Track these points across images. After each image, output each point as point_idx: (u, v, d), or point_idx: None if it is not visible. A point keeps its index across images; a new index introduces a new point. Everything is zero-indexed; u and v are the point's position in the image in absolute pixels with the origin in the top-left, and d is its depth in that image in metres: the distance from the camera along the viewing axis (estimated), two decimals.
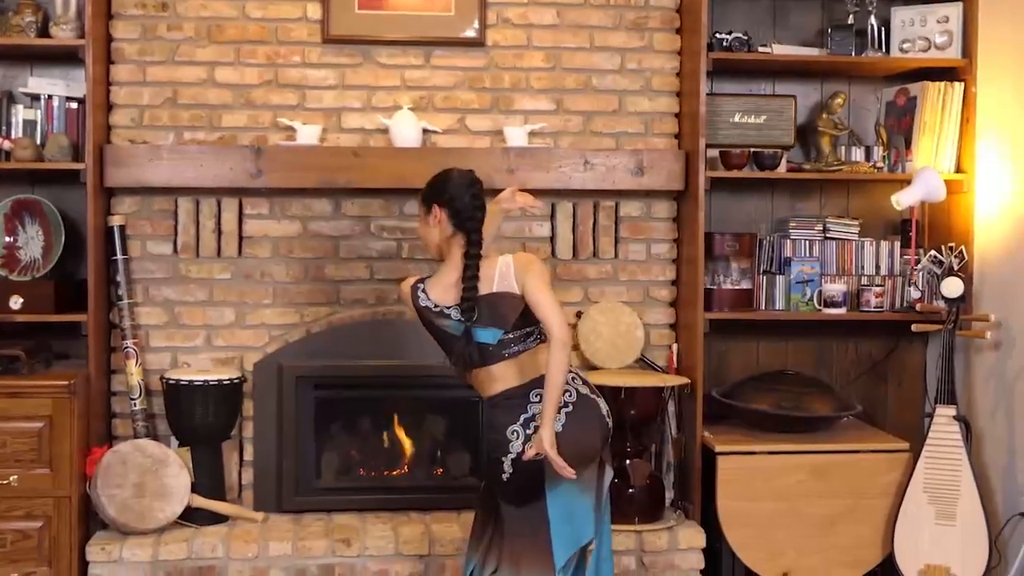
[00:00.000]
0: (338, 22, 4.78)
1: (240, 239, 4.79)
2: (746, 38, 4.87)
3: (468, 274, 3.53)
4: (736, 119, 4.97)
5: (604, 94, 4.93)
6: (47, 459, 4.29)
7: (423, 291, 3.62)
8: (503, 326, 3.54)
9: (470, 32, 4.85)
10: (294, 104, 4.81)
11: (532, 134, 4.79)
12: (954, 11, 4.91)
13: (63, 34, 4.50)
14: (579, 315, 4.90)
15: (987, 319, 4.67)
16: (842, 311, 4.90)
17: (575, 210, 4.92)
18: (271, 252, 4.81)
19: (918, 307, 4.84)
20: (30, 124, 4.64)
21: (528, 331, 3.59)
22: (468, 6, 4.82)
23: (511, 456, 3.52)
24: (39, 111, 4.65)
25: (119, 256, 4.64)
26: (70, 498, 4.32)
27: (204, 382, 4.50)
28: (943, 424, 4.54)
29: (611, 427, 3.68)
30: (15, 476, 4.27)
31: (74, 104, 4.65)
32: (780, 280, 4.97)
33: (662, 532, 4.54)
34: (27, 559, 4.28)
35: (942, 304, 4.69)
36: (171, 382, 4.52)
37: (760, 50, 4.93)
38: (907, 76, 5.10)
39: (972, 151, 4.87)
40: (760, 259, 5.01)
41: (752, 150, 4.91)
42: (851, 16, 4.97)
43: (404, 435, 5.01)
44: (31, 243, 4.60)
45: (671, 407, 4.81)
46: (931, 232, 5.14)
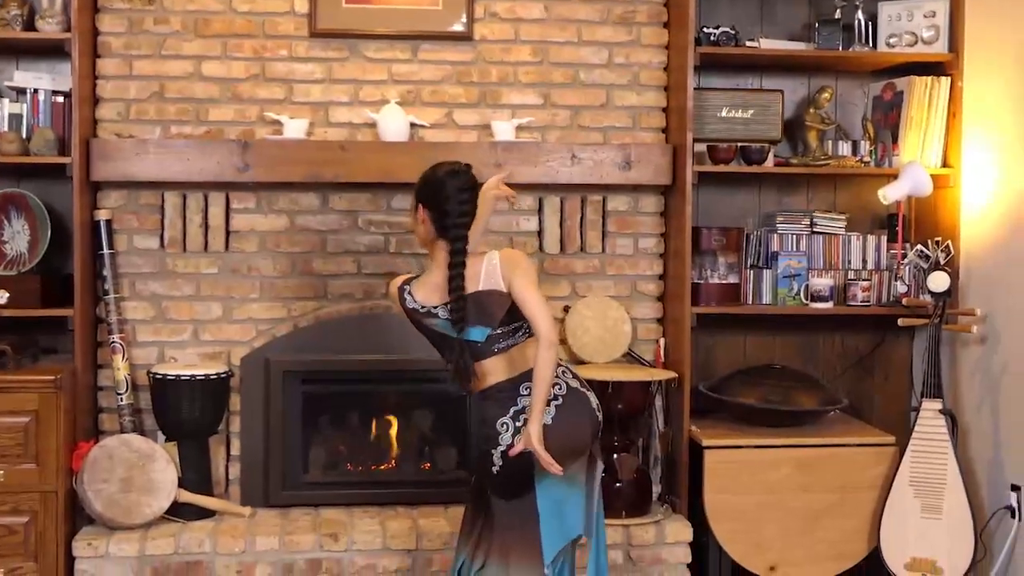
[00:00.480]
0: (325, 16, 4.77)
1: (227, 233, 4.78)
2: (733, 32, 4.87)
3: (453, 285, 3.50)
4: (723, 114, 4.97)
5: (592, 88, 4.93)
6: (33, 454, 4.28)
7: (409, 293, 3.61)
8: (490, 324, 3.54)
9: (458, 26, 4.84)
10: (281, 98, 4.80)
11: (520, 128, 4.79)
12: (941, 6, 4.92)
13: (49, 28, 4.48)
14: (566, 310, 4.90)
15: (973, 313, 4.68)
16: (829, 305, 4.91)
17: (562, 204, 4.92)
18: (258, 246, 4.80)
19: (904, 301, 4.86)
20: (16, 118, 4.62)
21: (516, 326, 3.58)
22: (456, 0, 4.82)
23: (500, 448, 3.52)
24: (25, 105, 4.63)
25: (105, 250, 4.63)
26: (56, 493, 4.31)
27: (191, 377, 4.49)
28: (929, 418, 4.56)
29: (601, 421, 3.68)
30: (1, 471, 4.25)
31: (60, 98, 4.63)
32: (767, 274, 4.97)
33: (649, 526, 4.55)
34: (13, 555, 4.27)
35: (928, 298, 4.71)
36: (158, 377, 4.51)
37: (747, 44, 4.93)
38: (894, 71, 5.11)
39: (958, 146, 4.88)
40: (747, 253, 5.02)
41: (739, 144, 4.91)
42: (838, 11, 4.98)
43: (391, 429, 5.01)
44: (17, 237, 4.59)
45: (658, 401, 4.81)
46: (918, 226, 5.15)
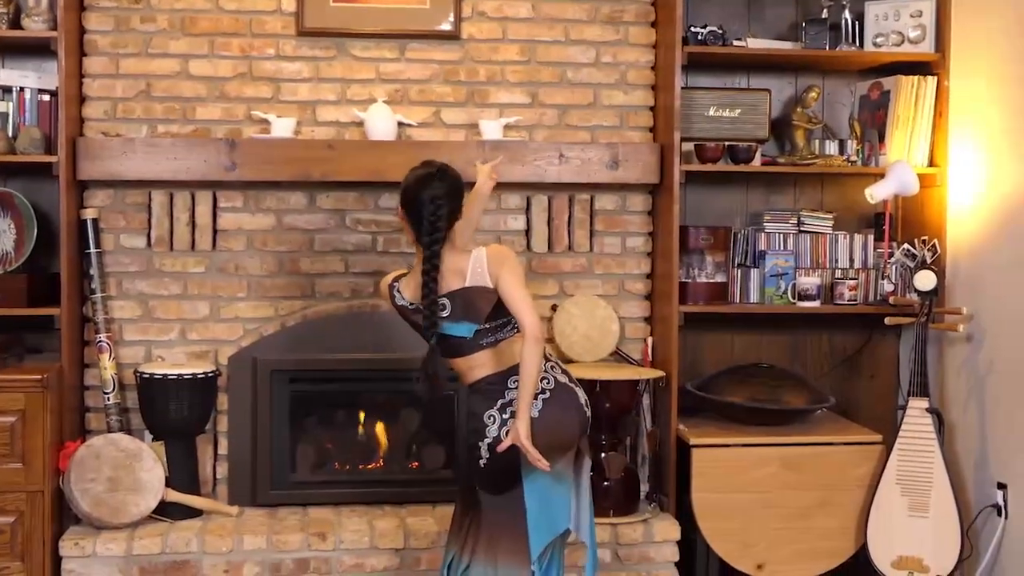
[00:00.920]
0: (312, 15, 4.76)
1: (214, 232, 4.77)
2: (721, 32, 4.88)
3: (424, 291, 3.53)
4: (711, 113, 4.97)
5: (579, 87, 4.94)
6: (20, 453, 4.27)
7: (398, 290, 3.67)
8: (477, 320, 3.55)
9: (445, 25, 4.84)
10: (268, 97, 4.79)
11: (507, 127, 4.79)
12: (927, 5, 4.93)
13: (35, 26, 4.47)
14: (554, 308, 4.91)
15: (959, 312, 4.69)
16: (816, 304, 4.92)
17: (550, 203, 4.92)
18: (245, 245, 4.79)
19: (891, 300, 4.87)
20: (1, 116, 4.59)
21: (504, 321, 3.60)
22: None
23: (487, 441, 3.54)
24: (11, 103, 4.61)
25: (92, 249, 4.62)
26: (43, 493, 4.29)
27: (178, 376, 4.48)
28: (916, 416, 4.57)
29: (589, 416, 3.70)
30: None
31: (46, 96, 4.62)
32: (754, 273, 4.98)
33: (637, 525, 4.55)
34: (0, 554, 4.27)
35: (915, 297, 4.72)
36: (145, 376, 4.50)
37: (735, 44, 4.94)
38: (881, 70, 5.12)
39: (945, 145, 4.89)
40: (735, 252, 5.03)
41: (727, 144, 4.92)
42: (825, 10, 4.99)
43: (379, 428, 5.01)
44: (3, 236, 4.57)
45: (646, 400, 4.82)
46: (904, 225, 5.16)
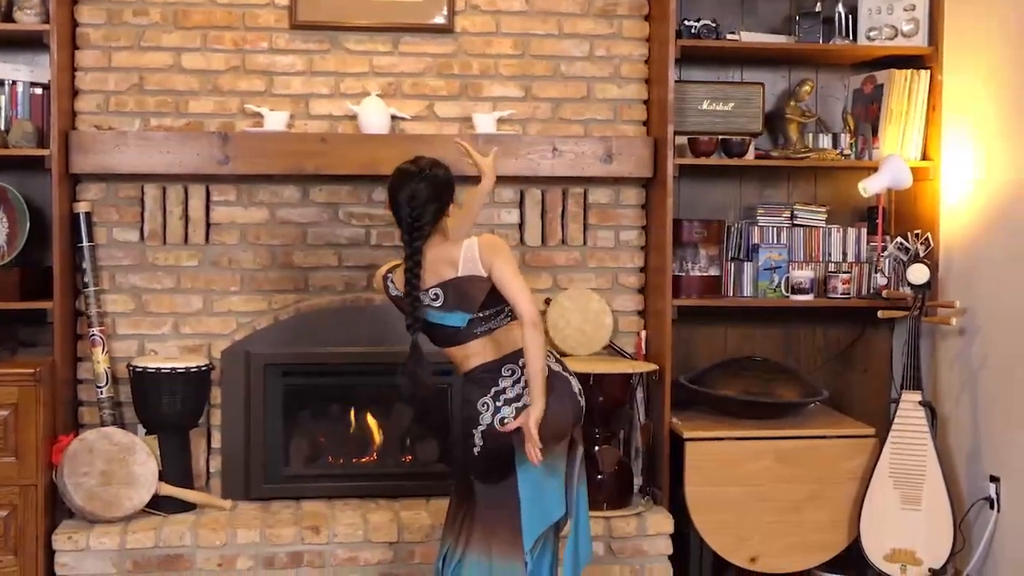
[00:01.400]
0: (306, 8, 4.76)
1: (207, 226, 4.77)
2: (714, 25, 4.88)
3: (407, 288, 3.56)
4: (704, 106, 4.98)
5: (573, 81, 4.93)
6: (13, 447, 4.26)
7: (391, 281, 3.68)
8: (471, 309, 3.56)
9: (439, 18, 4.83)
10: (261, 90, 4.78)
11: (501, 121, 4.79)
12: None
13: (27, 19, 4.45)
14: (548, 302, 4.90)
15: (952, 305, 4.70)
16: (809, 297, 4.92)
17: (544, 197, 4.92)
18: (238, 239, 4.79)
19: (884, 294, 4.87)
20: None
21: (498, 310, 3.60)
22: None
23: (481, 428, 3.55)
24: (3, 97, 4.60)
25: (85, 243, 4.61)
26: (36, 486, 4.28)
27: (171, 370, 4.48)
28: (909, 409, 4.58)
29: (583, 406, 3.71)
30: None
31: (39, 90, 4.60)
32: (748, 267, 4.99)
33: (630, 518, 4.56)
34: None
35: (908, 291, 4.73)
36: (138, 370, 4.50)
37: (728, 38, 4.94)
38: (874, 64, 5.12)
39: (938, 139, 4.90)
40: (728, 246, 5.03)
41: (720, 137, 4.92)
42: (818, 4, 4.99)
43: (373, 422, 5.01)
44: None
45: (639, 393, 4.82)
46: (897, 219, 5.17)
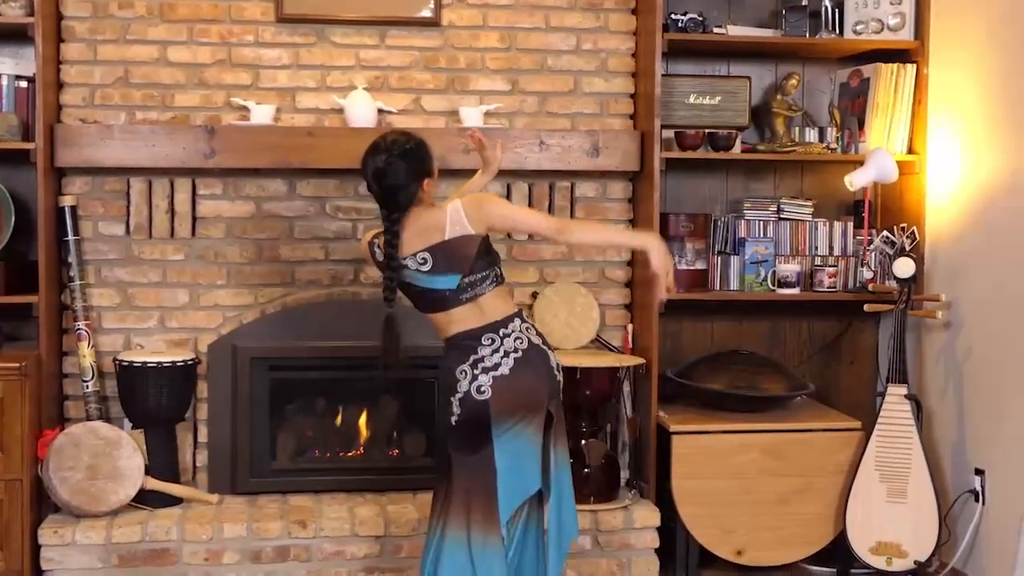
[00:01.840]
0: (292, 1, 4.74)
1: (193, 220, 4.76)
2: (701, 19, 4.88)
3: (386, 261, 3.62)
4: (691, 100, 4.98)
5: (560, 75, 4.93)
6: None
7: (378, 247, 3.69)
8: (461, 270, 3.57)
9: (425, 12, 4.82)
10: (248, 84, 4.77)
11: (488, 115, 4.78)
12: None
13: (12, 12, 4.43)
14: (535, 296, 4.91)
15: (938, 299, 4.72)
16: (796, 291, 4.93)
17: (531, 190, 4.92)
18: (225, 233, 4.78)
19: (870, 287, 4.89)
20: None
21: (485, 274, 3.62)
22: None
23: (459, 396, 3.57)
24: None
25: (71, 237, 4.59)
26: (21, 481, 4.27)
27: (158, 364, 4.47)
28: (894, 403, 4.59)
29: (560, 380, 3.72)
30: None
31: (24, 83, 4.58)
32: (734, 260, 5.00)
33: (617, 511, 4.56)
34: None
35: (894, 284, 4.74)
36: (124, 364, 4.49)
37: (715, 31, 4.94)
38: (860, 58, 5.13)
39: (924, 132, 4.91)
40: (715, 240, 5.04)
41: (707, 131, 4.92)
42: None
43: (359, 416, 5.00)
44: None
45: (626, 387, 4.82)
46: (883, 213, 5.18)
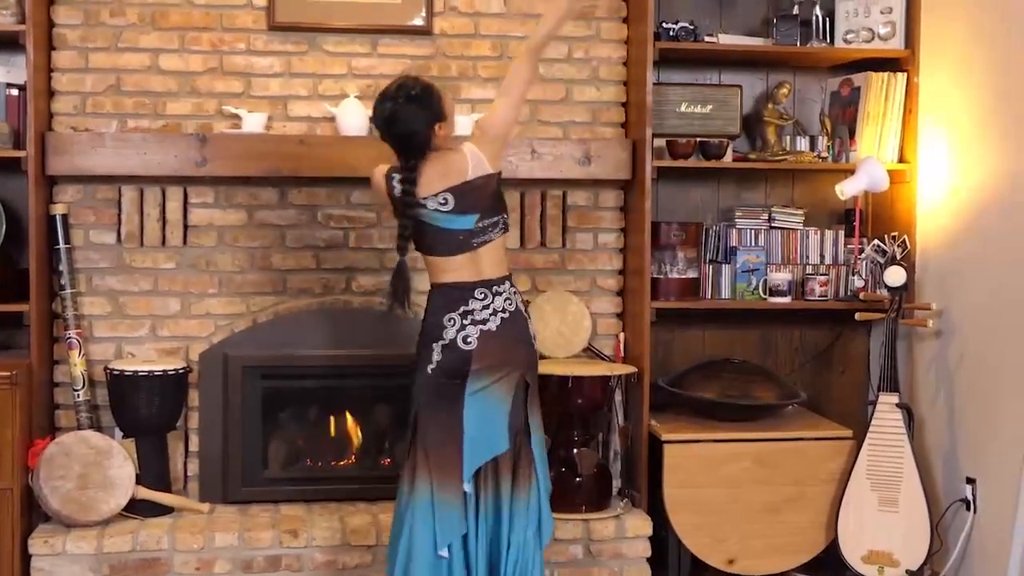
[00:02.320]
0: (284, 9, 4.74)
1: (185, 228, 4.75)
2: (692, 28, 4.89)
3: (403, 208, 3.71)
4: (682, 108, 4.98)
5: (551, 83, 4.94)
6: None
7: (397, 182, 3.71)
8: (480, 209, 3.67)
9: (417, 20, 4.83)
10: (239, 92, 4.77)
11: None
12: (897, 2, 4.95)
13: (3, 19, 4.42)
14: (526, 304, 4.89)
15: (929, 307, 4.73)
16: (787, 300, 4.94)
17: (522, 199, 4.92)
18: (216, 241, 4.77)
19: (862, 296, 4.89)
20: None
21: (496, 220, 3.73)
22: None
23: (443, 343, 3.66)
24: None
25: (62, 245, 4.58)
26: (12, 490, 4.26)
27: (149, 372, 4.46)
28: (886, 411, 4.60)
29: (537, 352, 3.83)
30: None
31: (15, 91, 4.57)
32: (726, 269, 5.00)
33: (609, 520, 4.56)
34: None
35: (885, 293, 4.75)
36: (115, 373, 4.48)
37: (706, 40, 4.95)
38: (851, 66, 5.14)
39: (915, 141, 4.92)
40: (706, 248, 5.04)
41: (698, 139, 4.93)
42: (796, 6, 5.01)
43: (351, 425, 5.00)
44: None
45: (618, 396, 4.82)
46: (874, 221, 5.19)
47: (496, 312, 3.70)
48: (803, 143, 5.07)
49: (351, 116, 4.69)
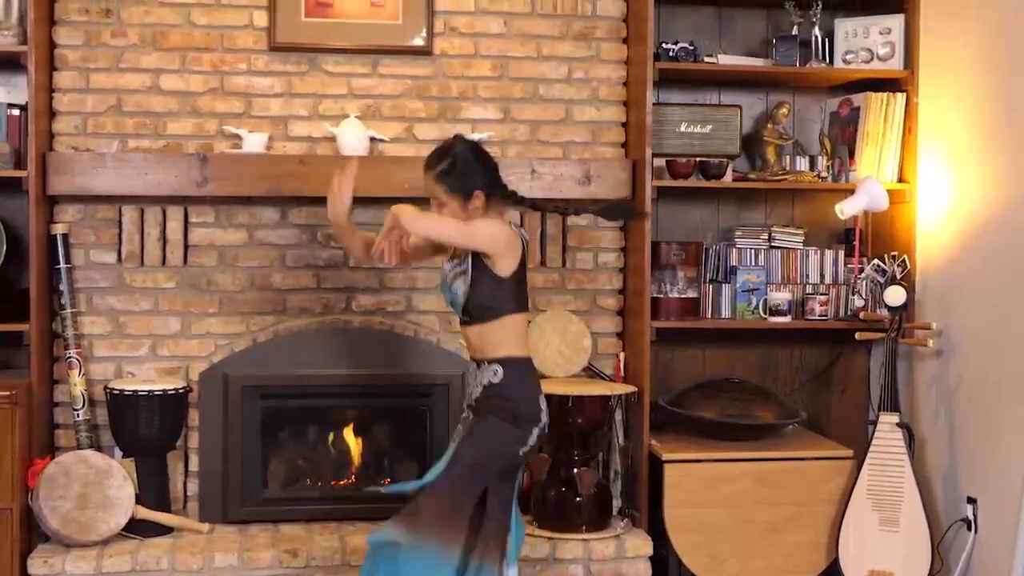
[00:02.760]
0: (284, 30, 4.76)
1: (185, 248, 4.76)
2: (692, 48, 4.90)
3: (540, 202, 4.06)
4: (682, 129, 5.00)
5: (551, 103, 4.95)
6: None
7: (516, 226, 3.83)
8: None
9: (417, 40, 4.85)
10: (240, 112, 4.78)
11: (480, 143, 4.79)
12: (896, 23, 4.97)
13: (5, 40, 4.44)
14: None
15: (929, 327, 4.73)
16: (787, 319, 4.94)
17: (522, 219, 4.92)
18: (217, 261, 4.78)
19: (862, 315, 4.89)
20: None
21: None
22: (415, 15, 4.82)
23: (541, 426, 3.74)
24: None
25: (62, 265, 4.59)
26: (11, 510, 4.26)
27: (149, 392, 4.46)
28: (886, 431, 4.59)
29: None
30: None
31: (16, 111, 4.58)
32: (726, 289, 5.00)
33: (609, 540, 4.55)
34: None
35: (885, 312, 4.75)
36: (115, 392, 4.48)
37: (706, 60, 4.96)
38: (850, 87, 5.16)
39: (914, 161, 4.93)
40: (706, 268, 5.04)
41: (698, 159, 4.94)
42: (795, 27, 5.02)
43: (351, 444, 4.99)
44: None
45: (618, 415, 4.81)
46: (874, 241, 5.20)
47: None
48: (803, 163, 5.08)
49: (351, 136, 4.70)
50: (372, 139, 4.77)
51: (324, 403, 4.93)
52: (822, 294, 4.99)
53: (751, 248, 5.05)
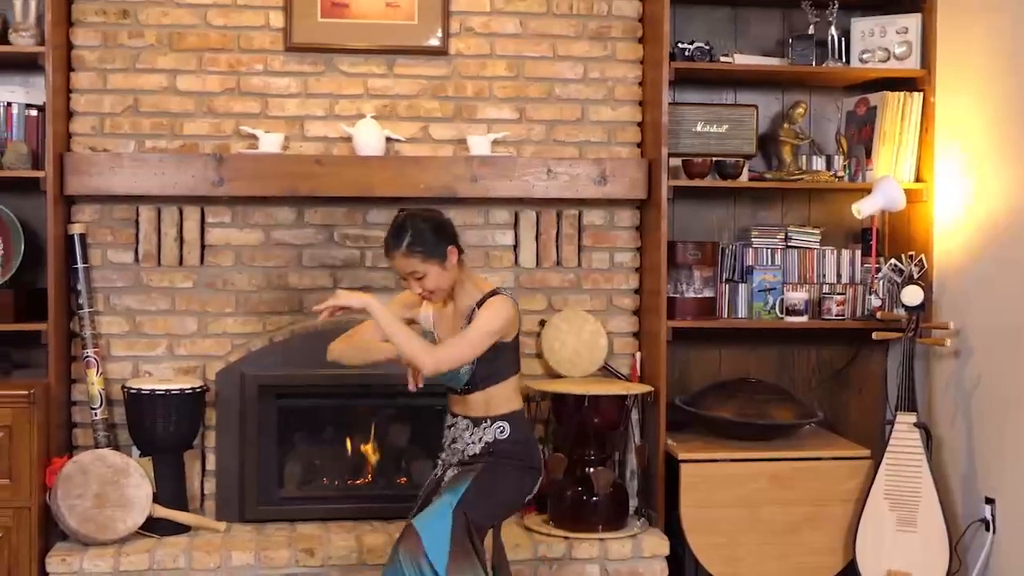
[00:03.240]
0: (300, 30, 4.77)
1: (202, 248, 4.77)
2: (708, 48, 4.90)
3: None
4: (698, 128, 4.99)
5: (567, 103, 4.95)
6: (6, 469, 4.25)
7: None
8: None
9: (433, 41, 4.85)
10: (256, 112, 4.79)
11: (495, 143, 4.80)
12: (913, 22, 4.96)
13: (22, 41, 4.46)
14: (542, 324, 4.91)
15: (946, 327, 4.71)
16: (804, 319, 4.93)
17: (538, 219, 4.93)
18: (233, 261, 4.79)
19: (879, 315, 4.88)
20: None
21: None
22: (431, 15, 4.83)
23: (540, 476, 3.89)
24: None
25: (80, 265, 4.61)
26: (30, 509, 4.28)
27: (166, 391, 4.47)
28: (903, 431, 4.58)
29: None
30: None
31: (34, 112, 4.61)
32: (742, 288, 4.99)
33: (626, 540, 4.55)
34: None
35: (902, 312, 4.73)
36: (132, 391, 4.49)
37: (722, 60, 4.96)
38: (867, 86, 5.14)
39: (931, 161, 4.91)
40: (722, 268, 5.04)
41: (714, 159, 4.93)
42: (811, 26, 5.01)
43: (367, 444, 5.00)
44: None
45: (634, 415, 4.81)
46: (891, 241, 5.18)
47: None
48: (819, 162, 5.07)
49: (367, 136, 4.70)
50: (388, 139, 4.77)
51: (340, 402, 4.95)
52: (839, 294, 4.97)
53: (767, 248, 5.04)
